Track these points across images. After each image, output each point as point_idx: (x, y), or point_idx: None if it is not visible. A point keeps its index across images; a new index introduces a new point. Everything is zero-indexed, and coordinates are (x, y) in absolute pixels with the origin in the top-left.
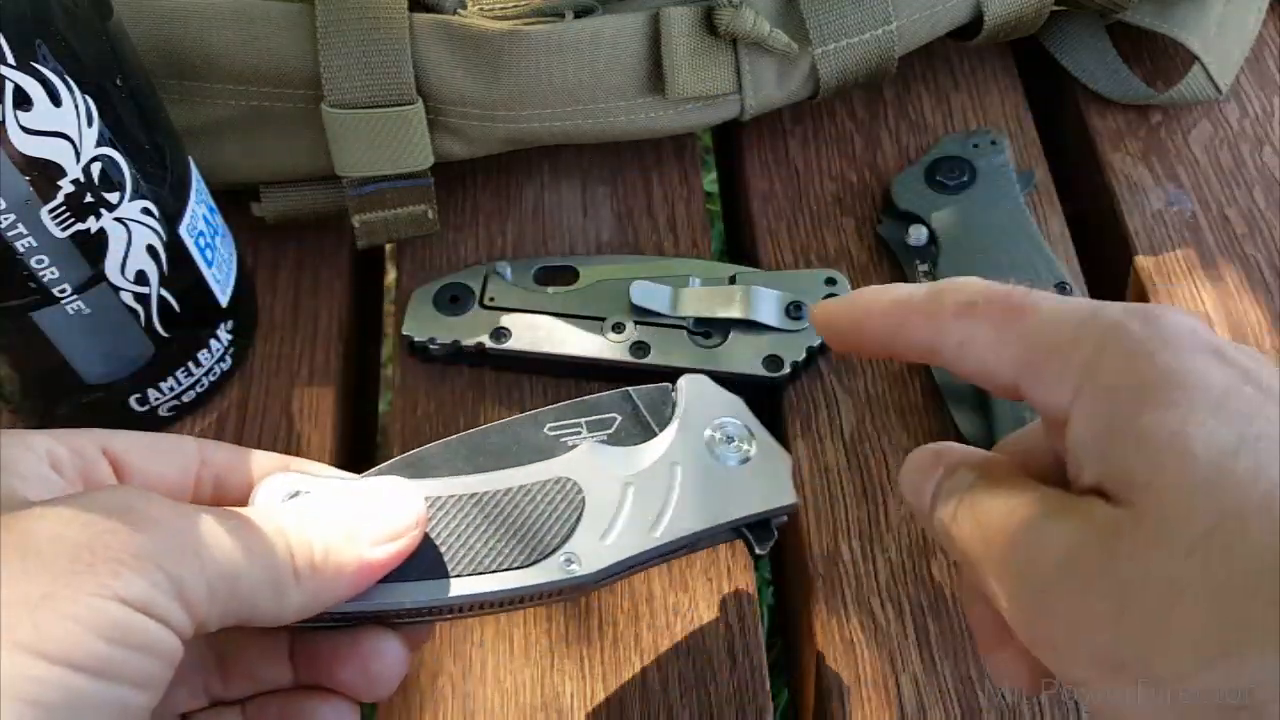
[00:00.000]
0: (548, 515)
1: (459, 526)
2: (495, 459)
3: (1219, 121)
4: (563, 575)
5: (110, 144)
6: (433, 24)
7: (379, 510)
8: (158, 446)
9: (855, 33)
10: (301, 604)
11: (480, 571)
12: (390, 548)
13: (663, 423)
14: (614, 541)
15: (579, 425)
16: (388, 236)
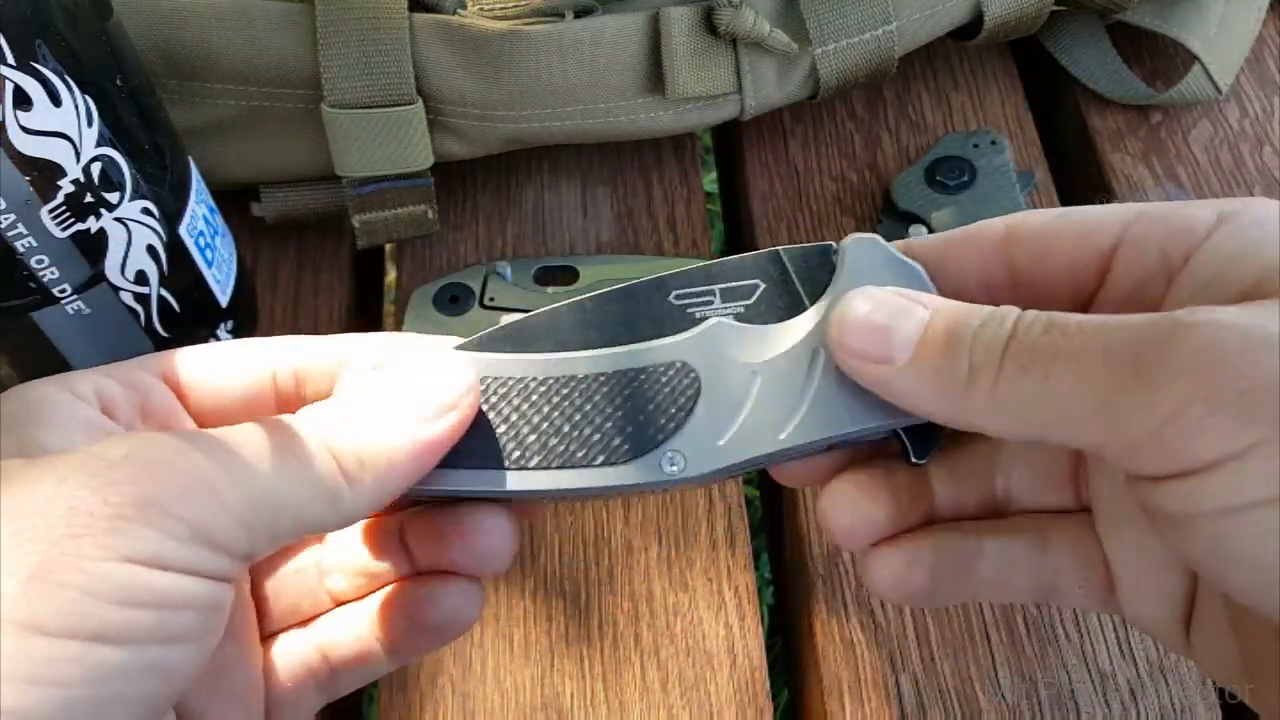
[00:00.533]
0: (655, 406)
1: (551, 412)
2: (607, 332)
3: (1219, 121)
4: (662, 476)
5: (110, 144)
6: (433, 24)
7: (425, 385)
8: (220, 360)
9: (855, 33)
10: (362, 503)
11: (569, 465)
12: (443, 423)
13: (817, 294)
14: (728, 442)
15: (711, 294)
16: (388, 236)
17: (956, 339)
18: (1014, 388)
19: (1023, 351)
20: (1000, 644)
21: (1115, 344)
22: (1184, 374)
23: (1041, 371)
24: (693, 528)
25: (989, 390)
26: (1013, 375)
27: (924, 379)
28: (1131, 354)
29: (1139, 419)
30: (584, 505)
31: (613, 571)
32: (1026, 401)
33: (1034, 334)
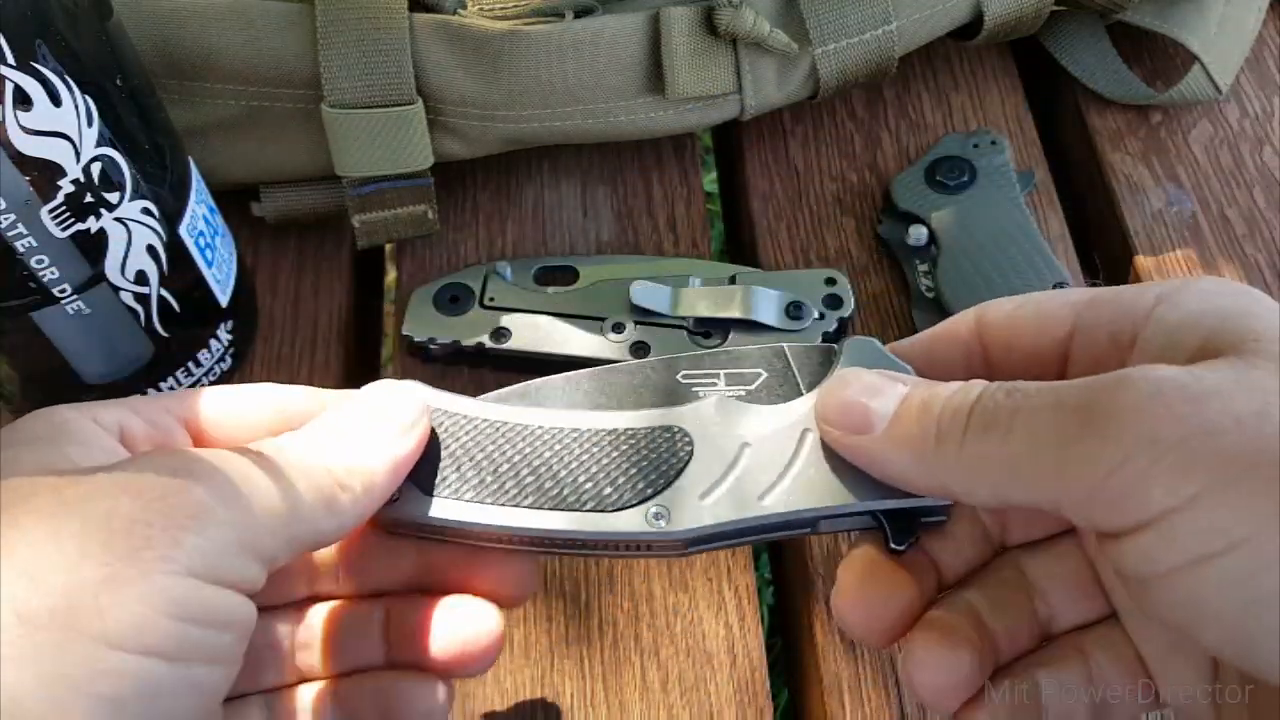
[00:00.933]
0: (648, 463)
1: (551, 458)
2: (616, 399)
3: (1219, 121)
4: (647, 528)
5: (110, 144)
6: (433, 24)
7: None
8: (232, 404)
9: (855, 33)
10: (355, 511)
11: (560, 508)
12: (409, 439)
13: (813, 386)
14: (713, 502)
15: (715, 376)
16: (388, 236)
17: (927, 408)
18: (977, 447)
19: (985, 413)
20: None
21: (1065, 399)
22: (1127, 424)
23: (1001, 430)
24: None
25: (956, 452)
26: (976, 436)
27: (898, 445)
28: (1080, 407)
29: (1088, 470)
30: None
31: (613, 571)
32: (989, 460)
33: (996, 398)
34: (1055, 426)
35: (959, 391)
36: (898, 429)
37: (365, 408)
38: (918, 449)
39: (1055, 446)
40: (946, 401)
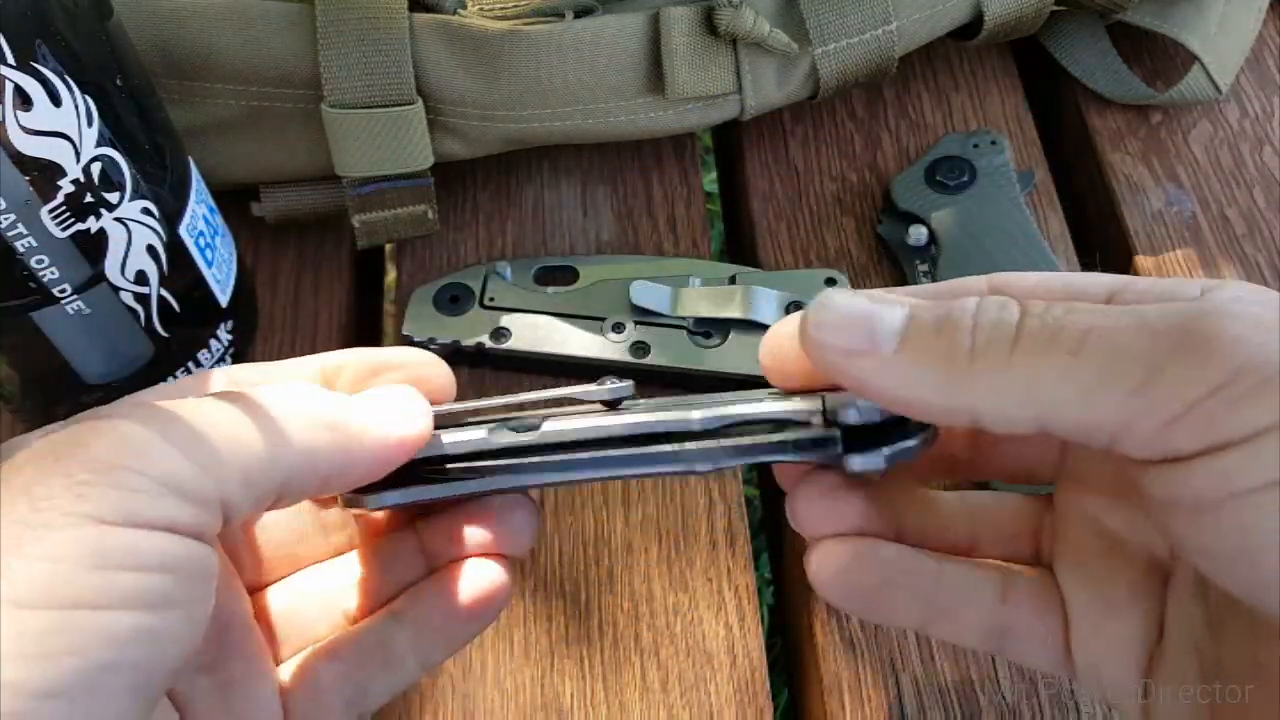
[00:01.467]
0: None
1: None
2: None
3: (1219, 121)
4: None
5: (110, 144)
6: (433, 24)
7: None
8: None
9: (855, 33)
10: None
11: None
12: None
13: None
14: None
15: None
16: (388, 236)
17: (952, 321)
18: (1033, 365)
19: (1044, 329)
20: None
21: (1151, 321)
22: (1229, 350)
23: (1069, 347)
24: (693, 528)
25: (998, 370)
26: (1033, 352)
27: (916, 364)
28: (1171, 330)
29: (1184, 389)
30: (584, 505)
31: (613, 571)
32: (1047, 379)
33: (1055, 314)
34: (1142, 347)
35: (989, 304)
36: (915, 346)
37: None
38: (946, 367)
39: (1142, 367)
40: (979, 316)
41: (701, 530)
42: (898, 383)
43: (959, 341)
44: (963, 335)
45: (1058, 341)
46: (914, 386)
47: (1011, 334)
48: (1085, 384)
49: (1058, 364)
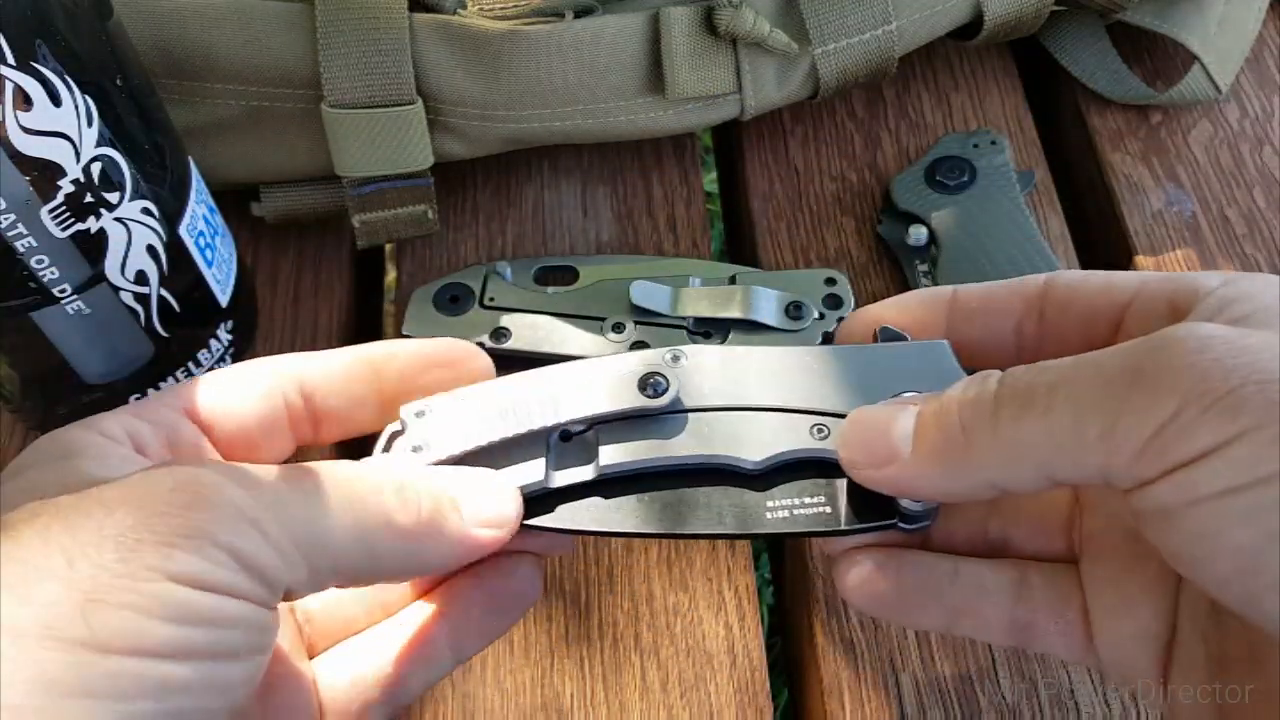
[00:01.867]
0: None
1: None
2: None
3: (1219, 121)
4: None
5: (110, 144)
6: (432, 24)
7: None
8: (231, 385)
9: (855, 33)
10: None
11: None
12: (494, 533)
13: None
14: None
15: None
16: (388, 236)
17: (943, 411)
18: (1014, 429)
19: (1016, 394)
20: None
21: (1108, 365)
22: (1177, 378)
23: (1041, 406)
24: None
25: (990, 440)
26: (1011, 418)
27: (929, 459)
28: (1125, 370)
29: (1140, 428)
30: None
31: (613, 571)
32: (1029, 439)
33: (1026, 377)
34: (1101, 392)
35: (971, 383)
36: (922, 443)
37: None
38: (948, 454)
39: (1103, 411)
40: (961, 397)
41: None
42: (920, 480)
43: (952, 428)
44: (953, 422)
45: (1030, 405)
46: (934, 480)
47: (991, 406)
48: (1061, 439)
49: (1035, 425)
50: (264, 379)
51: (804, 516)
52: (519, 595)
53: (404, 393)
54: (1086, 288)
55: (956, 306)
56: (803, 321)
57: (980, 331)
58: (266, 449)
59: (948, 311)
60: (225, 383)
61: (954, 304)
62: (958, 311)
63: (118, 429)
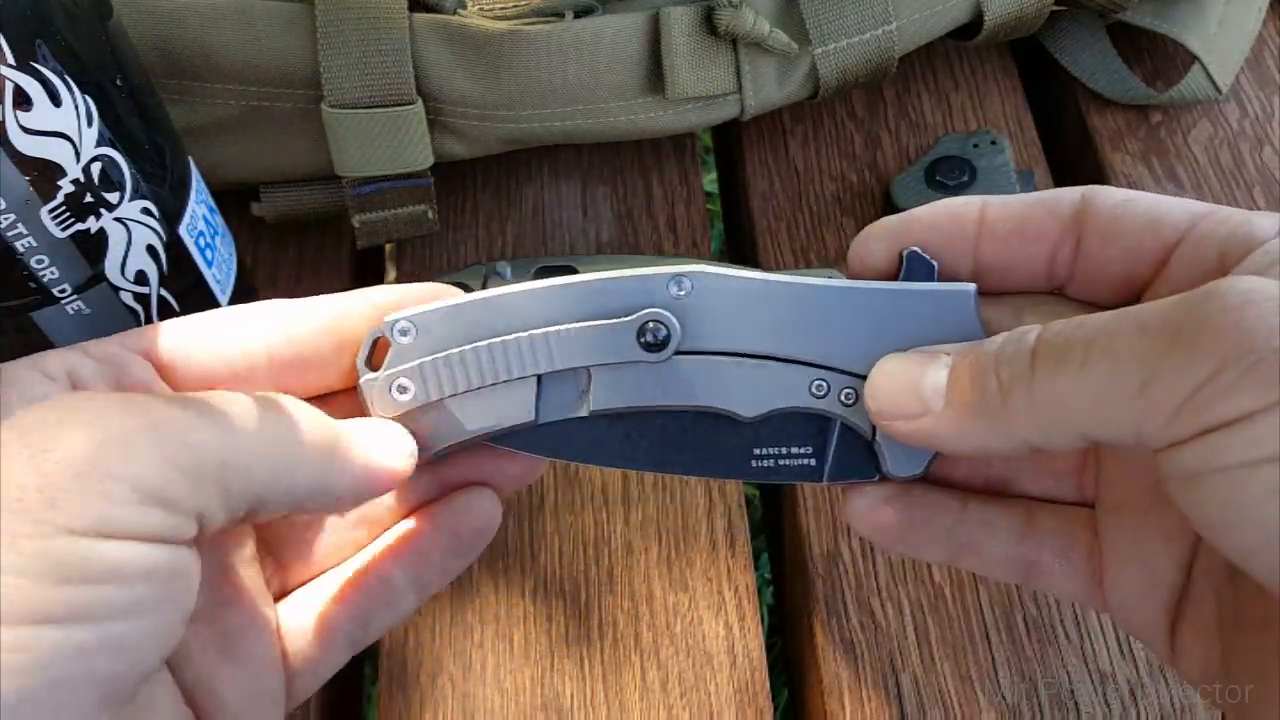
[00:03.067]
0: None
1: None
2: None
3: (1219, 121)
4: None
5: (110, 144)
6: (433, 24)
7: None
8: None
9: (855, 33)
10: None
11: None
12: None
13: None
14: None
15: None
16: (388, 236)
17: (979, 367)
18: (1051, 386)
19: (1054, 349)
20: (1000, 644)
21: (1149, 320)
22: (1219, 336)
23: (1077, 362)
24: (693, 528)
25: (1026, 399)
26: (1047, 374)
27: (962, 416)
28: (1167, 325)
29: (1177, 386)
30: (584, 506)
31: (613, 571)
32: (1066, 397)
33: (1064, 332)
34: (1140, 348)
35: (1009, 339)
36: (956, 398)
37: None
38: (984, 409)
39: (1141, 368)
40: (1000, 352)
41: (701, 530)
42: (953, 435)
43: (989, 384)
44: (990, 377)
45: (1068, 359)
46: (968, 436)
47: (1029, 362)
48: (1097, 396)
49: (1071, 381)
50: (246, 327)
51: (788, 468)
52: (478, 531)
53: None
54: (1130, 221)
55: (987, 228)
56: None
57: (1012, 255)
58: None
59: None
60: (199, 329)
61: (984, 223)
62: (989, 234)
63: (56, 367)
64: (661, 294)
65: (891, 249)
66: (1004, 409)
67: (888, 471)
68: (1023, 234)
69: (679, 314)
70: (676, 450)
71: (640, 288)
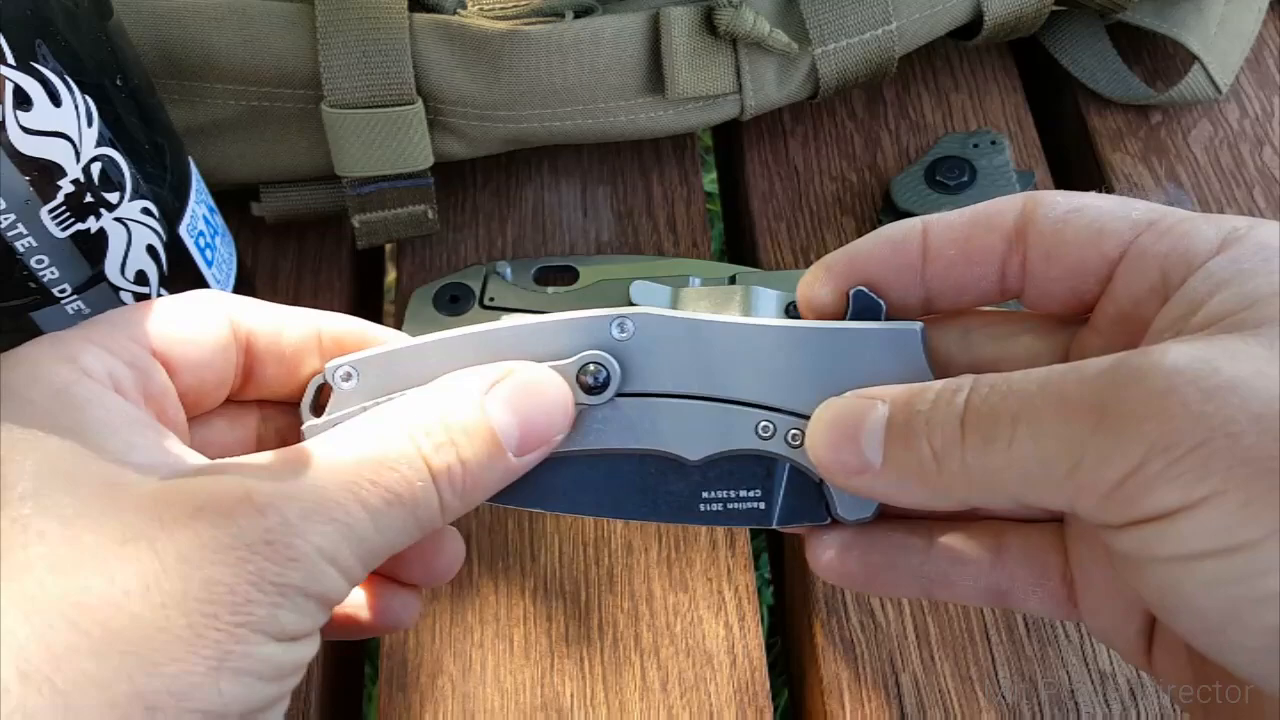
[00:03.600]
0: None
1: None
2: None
3: (1219, 121)
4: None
5: (110, 144)
6: (433, 24)
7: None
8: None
9: (855, 33)
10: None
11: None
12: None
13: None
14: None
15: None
16: (388, 236)
17: (912, 429)
18: (981, 461)
19: (981, 420)
20: (1000, 644)
21: (1071, 398)
22: (1141, 426)
23: (1004, 439)
24: (693, 528)
25: (960, 467)
26: (977, 449)
27: (900, 476)
28: (1093, 406)
29: (1103, 473)
30: None
31: (613, 571)
32: (996, 472)
33: (991, 401)
34: (1064, 429)
35: (941, 398)
36: (893, 459)
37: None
38: (920, 474)
39: (1067, 451)
40: (930, 416)
41: (701, 530)
42: (894, 493)
43: (922, 449)
44: (922, 443)
45: (995, 436)
46: (908, 495)
47: (958, 432)
48: (1026, 473)
49: (1000, 457)
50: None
51: (738, 511)
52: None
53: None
54: (1073, 235)
55: (932, 253)
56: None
57: (960, 277)
58: (214, 395)
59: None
60: (183, 317)
61: (928, 248)
62: (934, 259)
63: (99, 369)
64: (603, 335)
65: (839, 287)
66: (939, 475)
67: (838, 515)
68: (968, 257)
69: (621, 356)
70: (624, 494)
71: (582, 329)
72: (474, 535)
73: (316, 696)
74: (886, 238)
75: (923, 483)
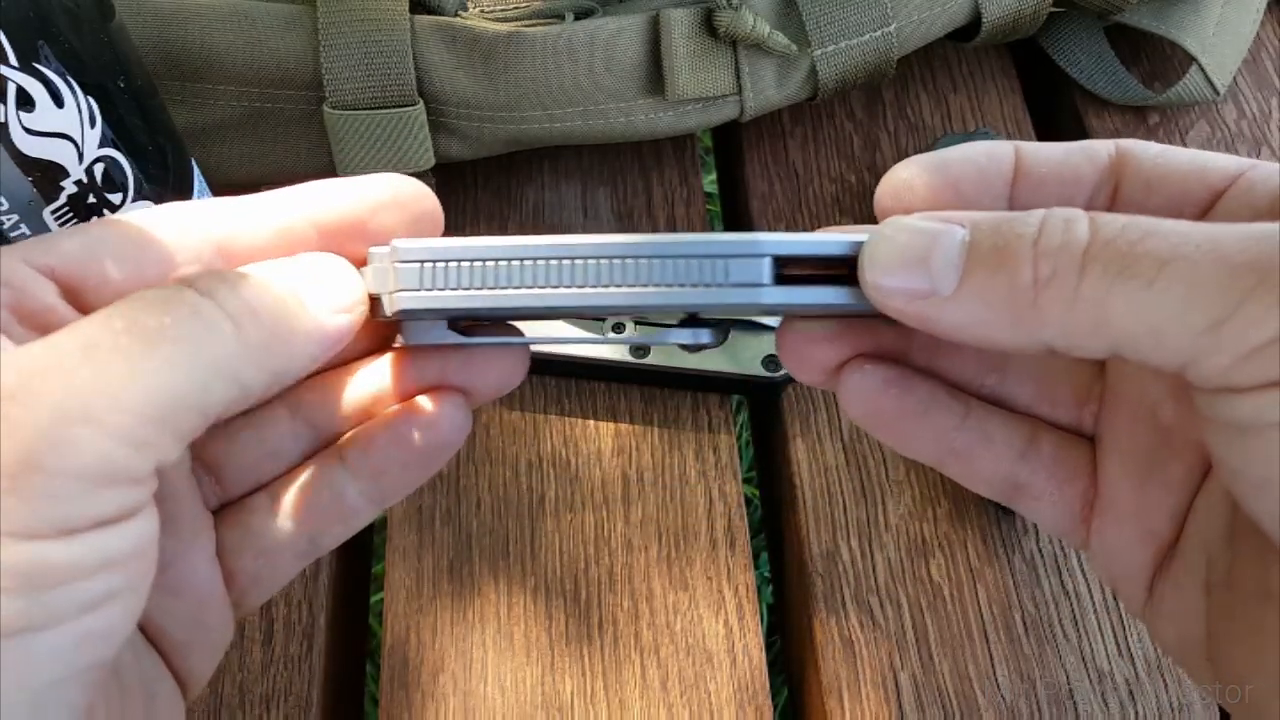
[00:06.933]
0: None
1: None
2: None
3: (1216, 122)
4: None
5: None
6: (434, 26)
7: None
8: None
9: (854, 34)
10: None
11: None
12: (347, 318)
13: None
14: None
15: None
16: None
17: (1012, 252)
18: (1104, 295)
19: (1117, 256)
20: (999, 643)
21: (1233, 254)
22: None
23: (1144, 278)
24: (693, 527)
25: (1067, 300)
26: (1103, 281)
27: (979, 304)
28: (1250, 264)
29: (1253, 332)
30: (584, 504)
31: (613, 571)
32: (1117, 311)
33: (1125, 236)
34: (1222, 282)
35: (1052, 224)
36: (975, 284)
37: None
38: (1009, 303)
39: (1218, 306)
40: (1041, 240)
41: (701, 529)
42: (961, 324)
43: (1021, 274)
44: (1024, 267)
45: (1133, 273)
46: (979, 327)
47: (1079, 261)
48: (1158, 318)
49: (1131, 296)
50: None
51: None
52: (442, 444)
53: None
54: (1174, 165)
55: (1023, 172)
56: None
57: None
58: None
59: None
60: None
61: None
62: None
63: None
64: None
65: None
66: (1033, 307)
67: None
68: (1060, 178)
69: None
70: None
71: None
72: (474, 535)
73: (318, 695)
74: (979, 149)
75: (1010, 311)
